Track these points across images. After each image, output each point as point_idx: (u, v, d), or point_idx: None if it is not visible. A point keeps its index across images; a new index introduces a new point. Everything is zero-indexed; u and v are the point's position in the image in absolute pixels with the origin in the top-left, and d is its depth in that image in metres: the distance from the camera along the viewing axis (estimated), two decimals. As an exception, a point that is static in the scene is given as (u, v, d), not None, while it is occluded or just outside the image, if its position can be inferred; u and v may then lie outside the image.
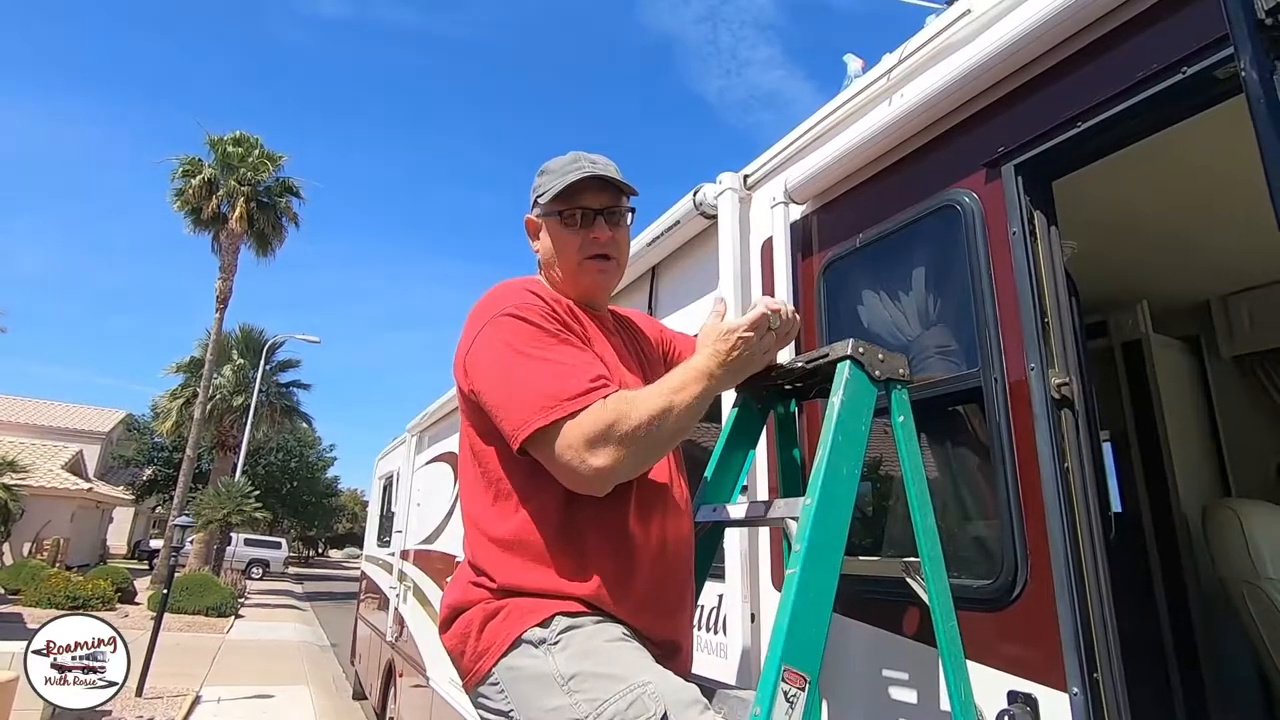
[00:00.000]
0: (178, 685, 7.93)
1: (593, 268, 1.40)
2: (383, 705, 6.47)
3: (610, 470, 1.14)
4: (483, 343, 1.27)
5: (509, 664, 1.17)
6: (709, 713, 1.14)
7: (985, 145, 1.49)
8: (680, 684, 1.16)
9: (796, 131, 2.07)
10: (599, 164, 1.39)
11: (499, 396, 1.22)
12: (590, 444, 1.12)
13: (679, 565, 1.36)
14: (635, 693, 1.09)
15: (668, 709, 1.08)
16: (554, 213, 1.40)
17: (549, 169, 1.42)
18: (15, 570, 14.79)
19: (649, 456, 1.21)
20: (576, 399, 1.15)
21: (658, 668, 1.17)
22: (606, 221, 1.39)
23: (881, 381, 1.42)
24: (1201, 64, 1.13)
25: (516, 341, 1.23)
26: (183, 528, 9.68)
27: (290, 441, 34.85)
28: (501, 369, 1.23)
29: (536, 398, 1.16)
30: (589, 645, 1.15)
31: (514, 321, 1.25)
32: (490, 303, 1.31)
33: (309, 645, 12.51)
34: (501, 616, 1.20)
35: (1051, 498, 1.26)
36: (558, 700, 1.10)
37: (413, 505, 6.32)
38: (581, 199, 1.37)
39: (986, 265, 1.43)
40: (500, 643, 1.18)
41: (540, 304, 1.28)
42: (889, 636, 1.54)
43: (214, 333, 20.04)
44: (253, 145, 20.30)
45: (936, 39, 1.67)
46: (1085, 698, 1.16)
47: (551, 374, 1.18)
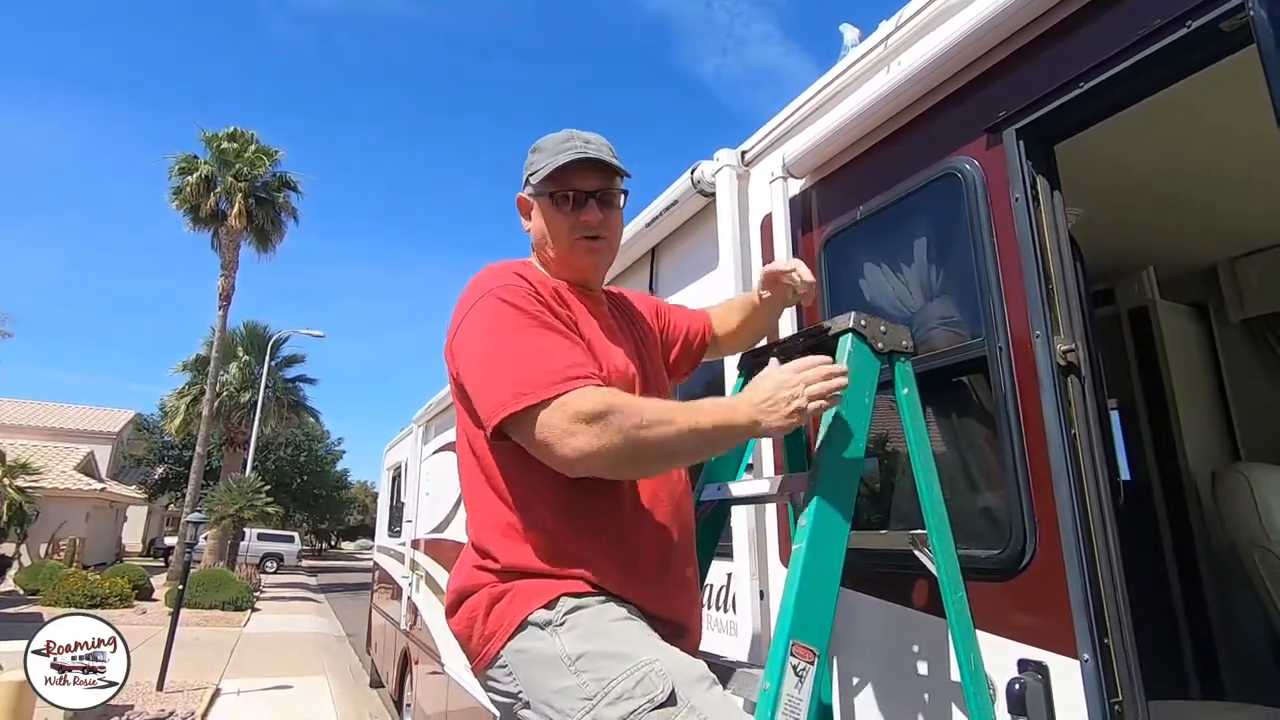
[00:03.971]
0: (198, 679, 8.03)
1: (584, 247, 1.37)
2: (400, 693, 6.55)
3: (585, 456, 1.10)
4: (467, 326, 1.26)
5: (516, 646, 1.17)
6: (716, 688, 1.14)
7: (985, 110, 1.46)
8: (687, 660, 1.16)
9: (793, 105, 2.04)
10: (592, 144, 1.36)
11: (477, 381, 1.22)
12: (571, 425, 1.10)
13: (682, 544, 1.35)
14: (642, 670, 1.09)
15: (675, 685, 1.08)
16: (545, 193, 1.37)
17: (541, 146, 1.39)
18: (33, 571, 14.96)
19: (631, 460, 1.13)
20: (552, 385, 1.12)
21: (664, 645, 1.17)
22: (598, 203, 1.36)
23: (885, 354, 1.41)
24: (1206, 17, 1.10)
25: (496, 325, 1.21)
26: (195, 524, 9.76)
27: (299, 436, 35.00)
28: (480, 353, 1.22)
29: (511, 384, 1.14)
30: (595, 625, 1.15)
31: (497, 304, 1.23)
32: (477, 285, 1.30)
33: (325, 636, 12.65)
34: (507, 599, 1.20)
35: (1059, 465, 1.25)
36: (566, 681, 1.10)
37: (422, 495, 6.36)
38: (573, 180, 1.34)
39: (989, 233, 1.41)
40: (507, 626, 1.18)
41: (525, 286, 1.26)
42: (898, 609, 1.54)
43: (218, 330, 20.09)
44: (249, 140, 20.22)
45: (934, 3, 1.63)
46: (1096, 664, 1.16)
47: (528, 360, 1.16)
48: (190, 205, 19.41)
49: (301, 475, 36.95)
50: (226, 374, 22.38)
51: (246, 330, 24.53)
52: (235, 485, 18.09)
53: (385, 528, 8.69)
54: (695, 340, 1.66)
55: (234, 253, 20.11)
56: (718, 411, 1.19)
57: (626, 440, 1.10)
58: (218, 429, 22.43)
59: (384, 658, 7.72)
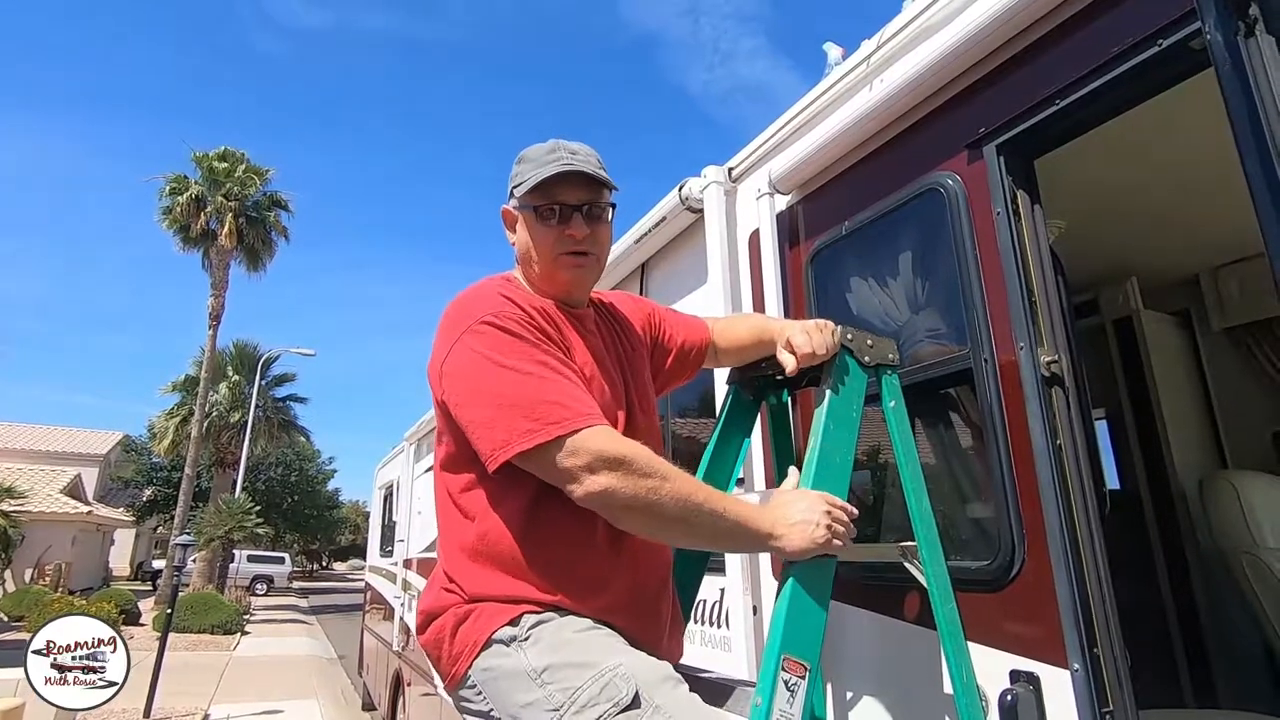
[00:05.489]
0: (186, 704, 7.91)
1: (569, 263, 1.33)
2: (392, 715, 6.46)
3: (604, 494, 1.10)
4: (460, 352, 1.22)
5: (483, 665, 1.17)
6: (682, 687, 1.14)
7: (966, 127, 1.49)
8: (652, 663, 1.16)
9: (779, 122, 2.07)
10: (579, 155, 1.31)
11: (477, 413, 1.18)
12: (594, 463, 1.10)
13: (655, 568, 1.34)
14: (606, 676, 1.09)
15: (639, 688, 1.08)
16: (530, 206, 1.33)
17: (526, 157, 1.36)
18: (18, 597, 14.73)
19: (646, 513, 1.13)
20: (561, 420, 1.12)
21: (628, 649, 1.17)
22: (584, 218, 1.31)
23: (871, 367, 1.42)
24: (1175, 36, 1.13)
25: (496, 354, 1.18)
26: (184, 547, 9.66)
27: (289, 456, 34.77)
28: (480, 383, 1.19)
29: (520, 419, 1.12)
30: (559, 637, 1.15)
31: (493, 331, 1.20)
32: (465, 310, 1.26)
33: (316, 658, 12.48)
34: (472, 619, 1.20)
35: (1045, 476, 1.26)
36: (533, 694, 1.11)
37: (414, 513, 6.31)
38: (558, 193, 1.30)
39: (972, 246, 1.43)
40: (473, 645, 1.18)
41: (517, 311, 1.24)
42: (889, 621, 1.54)
43: (208, 350, 20.00)
44: (239, 160, 20.26)
45: (914, 22, 1.67)
46: (1087, 673, 1.16)
47: (533, 392, 1.15)
48: (180, 225, 19.41)
49: (292, 495, 36.63)
50: (216, 394, 22.24)
51: (236, 349, 24.40)
52: (225, 506, 17.93)
53: (377, 547, 8.62)
54: (692, 351, 1.63)
55: (224, 272, 20.08)
56: (742, 508, 1.20)
57: (648, 491, 1.11)
58: (207, 450, 22.24)
59: (376, 680, 7.62)
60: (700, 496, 1.15)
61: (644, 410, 1.43)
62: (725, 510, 1.17)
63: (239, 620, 14.96)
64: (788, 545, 1.18)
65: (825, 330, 1.39)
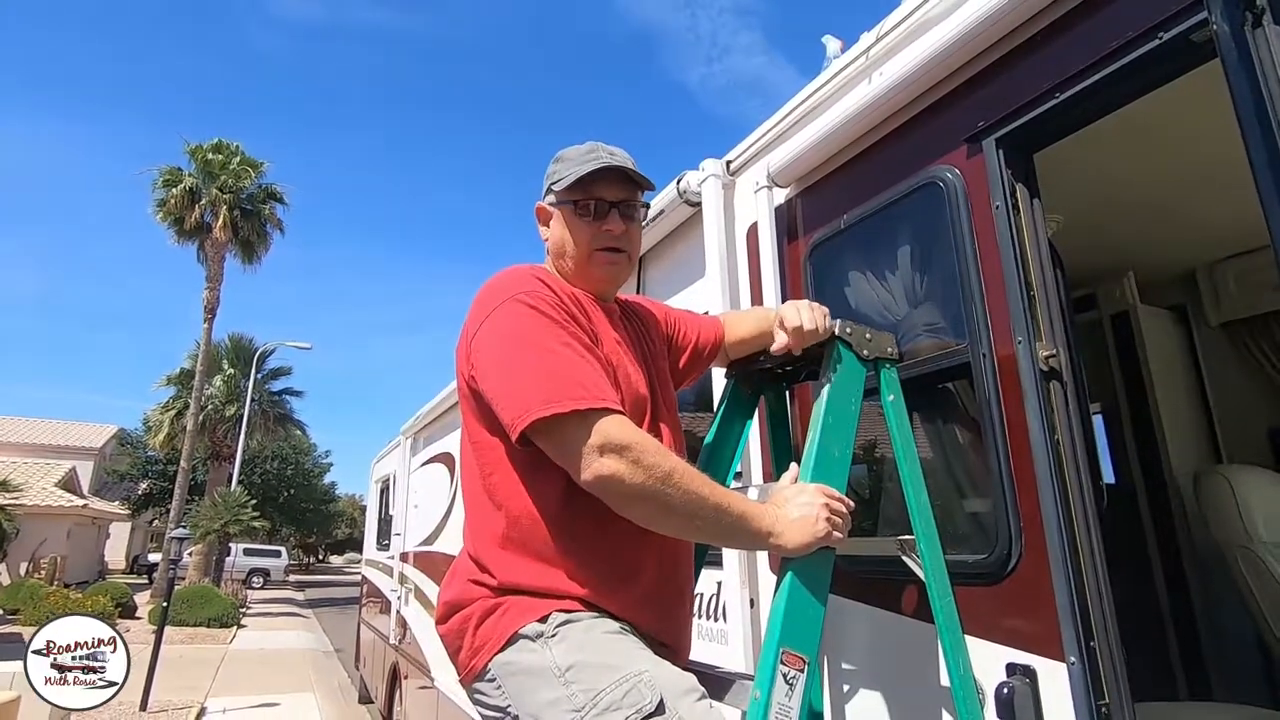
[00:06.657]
0: (182, 698, 7.91)
1: (603, 260, 1.37)
2: (389, 708, 6.48)
3: (609, 480, 1.10)
4: (490, 328, 1.24)
5: (505, 659, 1.17)
6: (704, 701, 1.14)
7: (965, 120, 1.48)
8: (677, 673, 1.16)
9: (777, 115, 2.06)
10: (616, 155, 1.36)
11: (501, 384, 1.19)
12: (602, 447, 1.10)
13: (680, 561, 1.35)
14: (631, 681, 1.09)
15: (664, 697, 1.08)
16: (568, 202, 1.37)
17: (565, 156, 1.40)
18: (13, 590, 14.70)
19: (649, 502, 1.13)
20: (582, 400, 1.12)
21: (654, 657, 1.17)
22: (620, 214, 1.36)
23: (870, 361, 1.42)
24: (1176, 29, 1.12)
25: (523, 330, 1.20)
26: (180, 540, 9.63)
27: (285, 449, 34.68)
28: (506, 356, 1.20)
29: (538, 390, 1.14)
30: (586, 638, 1.15)
31: (523, 308, 1.22)
32: (499, 287, 1.28)
33: (313, 652, 12.49)
34: (499, 613, 1.19)
35: (1043, 470, 1.27)
36: (555, 692, 1.10)
37: (410, 507, 6.31)
38: (597, 190, 1.35)
39: (971, 240, 1.43)
40: (497, 638, 1.18)
41: (549, 294, 1.26)
42: (887, 615, 1.54)
43: (203, 344, 19.90)
44: (233, 152, 20.11)
45: (913, 15, 1.66)
46: (1083, 667, 1.17)
47: (555, 367, 1.16)
48: (175, 218, 19.25)
49: (288, 488, 36.56)
50: (211, 387, 22.16)
51: (232, 343, 24.28)
52: (221, 500, 17.88)
53: (374, 541, 8.61)
54: (706, 349, 1.66)
55: (219, 265, 19.97)
56: (744, 505, 1.21)
57: (654, 480, 1.11)
58: (203, 443, 22.16)
59: (373, 673, 7.63)
60: (705, 491, 1.16)
61: (668, 407, 1.44)
62: (729, 506, 1.18)
63: (235, 614, 14.96)
64: (788, 543, 1.19)
65: (816, 309, 1.42)
